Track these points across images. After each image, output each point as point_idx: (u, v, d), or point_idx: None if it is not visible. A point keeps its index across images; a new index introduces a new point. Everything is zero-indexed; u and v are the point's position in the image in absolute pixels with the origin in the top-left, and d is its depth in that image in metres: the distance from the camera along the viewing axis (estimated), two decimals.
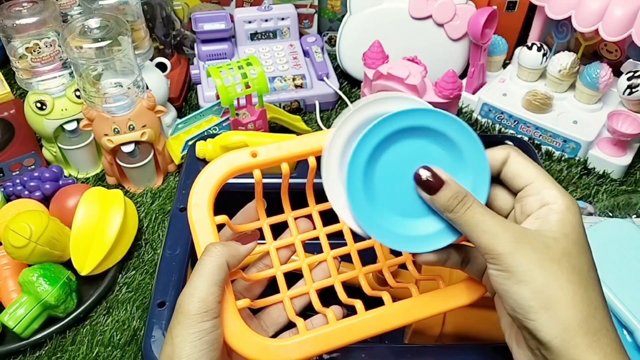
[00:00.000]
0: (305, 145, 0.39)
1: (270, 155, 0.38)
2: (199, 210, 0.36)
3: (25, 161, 0.76)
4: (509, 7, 0.91)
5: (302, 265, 0.40)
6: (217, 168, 0.37)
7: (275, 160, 0.38)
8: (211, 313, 0.32)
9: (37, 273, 0.59)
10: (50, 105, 0.72)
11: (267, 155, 0.38)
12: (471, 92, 0.87)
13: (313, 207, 0.42)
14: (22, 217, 0.60)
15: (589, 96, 0.80)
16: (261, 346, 0.34)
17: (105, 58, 0.66)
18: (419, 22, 0.85)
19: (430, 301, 0.37)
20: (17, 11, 0.69)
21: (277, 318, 0.39)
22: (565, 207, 0.32)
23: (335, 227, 0.42)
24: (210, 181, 0.37)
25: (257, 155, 0.38)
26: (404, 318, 0.36)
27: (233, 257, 0.34)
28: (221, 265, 0.33)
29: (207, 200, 0.36)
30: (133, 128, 0.69)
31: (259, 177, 0.38)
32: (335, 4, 0.96)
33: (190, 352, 0.31)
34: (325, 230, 0.42)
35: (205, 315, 0.32)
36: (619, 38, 0.75)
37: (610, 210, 0.69)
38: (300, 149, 0.39)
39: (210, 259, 0.33)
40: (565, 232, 0.31)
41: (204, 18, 0.90)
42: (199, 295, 0.32)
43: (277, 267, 0.40)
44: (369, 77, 0.75)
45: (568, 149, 0.79)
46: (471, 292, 0.38)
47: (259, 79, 0.72)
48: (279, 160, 0.39)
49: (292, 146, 0.39)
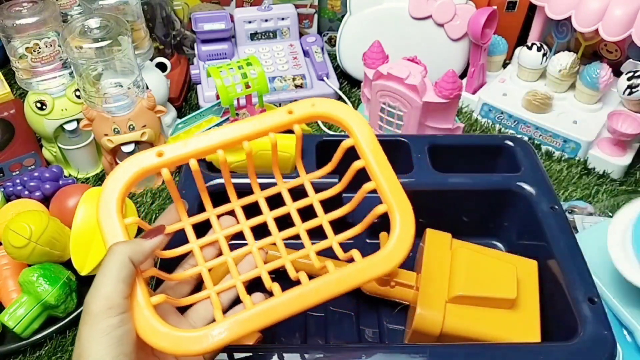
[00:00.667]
0: (212, 140, 0.40)
1: (175, 153, 0.39)
2: (106, 212, 0.38)
3: (25, 161, 0.76)
4: (509, 7, 0.91)
5: (226, 260, 0.42)
6: (124, 171, 0.39)
7: (181, 159, 0.40)
8: (116, 309, 0.33)
9: (37, 273, 0.59)
10: (50, 105, 0.72)
11: (173, 154, 0.39)
12: (471, 92, 0.87)
13: (235, 201, 0.44)
14: (22, 217, 0.60)
15: (589, 96, 0.80)
16: (172, 337, 0.34)
17: (105, 58, 0.66)
18: (419, 22, 0.85)
19: (347, 275, 0.38)
20: (17, 11, 0.69)
21: (205, 314, 0.40)
22: None
23: (258, 219, 0.44)
24: (118, 184, 0.38)
25: (162, 155, 0.39)
26: (319, 295, 0.37)
27: (137, 253, 0.35)
28: (124, 262, 0.34)
29: (115, 203, 0.38)
30: (133, 128, 0.69)
31: (167, 177, 0.40)
32: (335, 4, 0.96)
33: (97, 349, 0.32)
34: (248, 223, 0.43)
35: (110, 311, 0.33)
36: (619, 38, 0.75)
37: (610, 210, 0.69)
38: (206, 144, 0.40)
39: (113, 257, 0.34)
40: None
41: (204, 18, 0.90)
42: (102, 293, 0.33)
43: (201, 264, 0.41)
44: (369, 77, 0.75)
45: (568, 149, 0.79)
46: (386, 263, 0.38)
47: (259, 79, 0.72)
48: (185, 157, 0.40)
49: (198, 143, 0.40)
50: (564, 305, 0.47)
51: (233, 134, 0.41)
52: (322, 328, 0.55)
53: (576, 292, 0.46)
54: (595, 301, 0.45)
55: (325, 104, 0.43)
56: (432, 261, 0.50)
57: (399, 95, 0.71)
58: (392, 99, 0.73)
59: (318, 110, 0.42)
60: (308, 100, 0.43)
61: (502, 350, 0.43)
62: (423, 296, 0.47)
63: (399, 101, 0.72)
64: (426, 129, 0.73)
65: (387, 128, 0.76)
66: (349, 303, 0.56)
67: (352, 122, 0.42)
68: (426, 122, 0.73)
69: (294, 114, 0.42)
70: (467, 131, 0.83)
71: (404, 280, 0.52)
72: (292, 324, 0.55)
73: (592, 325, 0.43)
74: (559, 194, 0.73)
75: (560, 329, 0.47)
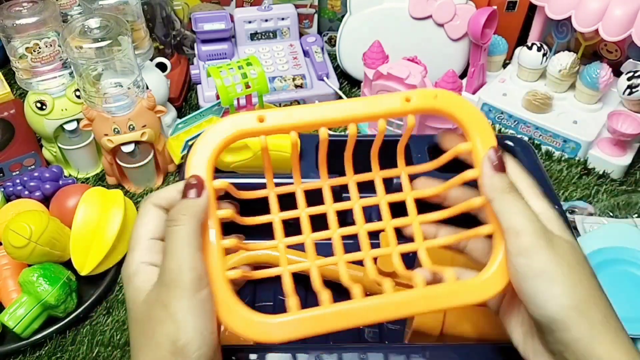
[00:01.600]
0: (317, 115, 0.36)
1: (278, 122, 0.35)
2: (197, 172, 0.34)
3: (25, 161, 0.76)
4: (509, 7, 0.91)
5: (305, 240, 0.39)
6: (222, 129, 0.35)
7: (283, 128, 0.36)
8: (204, 281, 0.31)
9: (37, 273, 0.59)
10: (50, 105, 0.72)
11: (275, 121, 0.35)
12: (471, 92, 0.87)
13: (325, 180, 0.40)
14: (22, 217, 0.60)
15: (589, 96, 0.80)
16: (248, 321, 0.32)
17: (105, 58, 0.66)
18: (419, 22, 0.85)
19: (436, 295, 0.34)
20: (17, 11, 0.69)
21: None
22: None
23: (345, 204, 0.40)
24: (213, 142, 0.35)
25: (264, 120, 0.35)
26: (403, 309, 0.34)
27: (201, 214, 0.33)
28: (196, 228, 0.32)
29: (206, 162, 0.35)
30: (133, 128, 0.69)
31: (264, 145, 0.36)
32: (335, 4, 0.96)
33: (196, 324, 0.29)
34: (334, 207, 0.40)
35: (200, 284, 0.30)
36: (619, 38, 0.75)
37: (610, 210, 0.69)
38: (312, 117, 0.36)
39: (181, 226, 0.32)
40: (573, 243, 0.33)
41: (204, 18, 0.90)
42: (188, 264, 0.30)
43: (280, 240, 0.38)
44: (369, 77, 0.75)
45: (568, 149, 0.79)
46: (485, 290, 0.34)
47: (259, 79, 0.72)
48: (287, 128, 0.36)
49: (303, 114, 0.36)
50: None
51: (341, 112, 0.36)
52: None
53: None
54: None
55: (450, 99, 0.37)
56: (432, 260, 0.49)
57: None
58: None
59: (441, 105, 0.37)
60: (431, 91, 0.38)
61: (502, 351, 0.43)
62: None
63: None
64: (426, 129, 0.73)
65: (387, 128, 0.76)
66: None
67: (474, 128, 0.37)
68: (426, 122, 0.73)
69: (411, 102, 0.37)
70: None
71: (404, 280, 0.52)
72: None
73: None
74: (559, 194, 0.73)
75: None
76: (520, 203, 0.33)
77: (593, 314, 0.30)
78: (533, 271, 0.31)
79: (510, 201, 0.33)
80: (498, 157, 0.35)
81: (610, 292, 0.52)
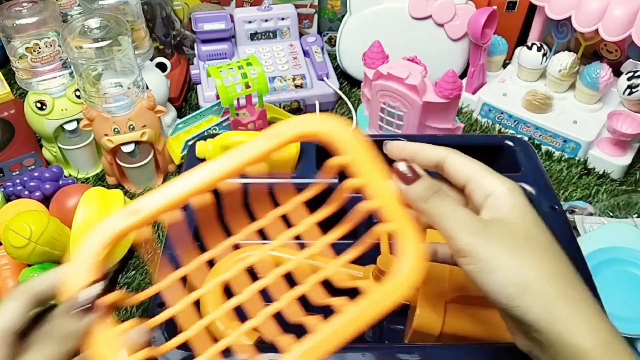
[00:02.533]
0: (184, 189, 0.34)
1: (151, 209, 0.34)
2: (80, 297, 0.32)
3: (25, 161, 0.76)
4: (509, 7, 0.91)
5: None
6: (94, 242, 0.35)
7: (157, 214, 0.34)
8: None
9: (37, 273, 0.59)
10: (50, 105, 0.72)
11: (149, 210, 0.34)
12: (471, 92, 0.87)
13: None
14: (22, 217, 0.60)
15: (589, 96, 0.80)
16: None
17: (105, 58, 0.66)
18: (419, 22, 0.85)
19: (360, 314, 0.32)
20: (17, 11, 0.69)
21: None
22: (509, 191, 0.34)
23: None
24: (87, 260, 0.34)
25: (136, 213, 0.34)
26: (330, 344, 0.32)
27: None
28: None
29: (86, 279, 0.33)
30: (133, 128, 0.69)
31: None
32: (335, 4, 0.96)
33: None
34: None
35: None
36: (619, 38, 0.75)
37: (610, 210, 0.69)
38: (180, 195, 0.34)
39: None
40: (521, 216, 0.33)
41: (204, 18, 0.90)
42: None
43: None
44: (369, 77, 0.75)
45: (568, 149, 0.79)
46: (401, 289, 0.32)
47: (259, 79, 0.72)
48: (161, 211, 0.34)
49: (170, 193, 0.34)
50: None
51: (205, 179, 0.35)
52: None
53: None
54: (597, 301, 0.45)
55: (330, 127, 0.35)
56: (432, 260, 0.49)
57: (399, 95, 0.71)
58: (392, 99, 0.73)
59: (316, 133, 0.36)
60: (310, 119, 0.36)
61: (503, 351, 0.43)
62: (423, 296, 0.47)
63: (399, 101, 0.72)
64: (426, 129, 0.73)
65: (387, 128, 0.76)
66: None
67: (362, 160, 0.35)
68: (426, 122, 0.73)
69: (282, 138, 0.36)
70: (467, 131, 0.83)
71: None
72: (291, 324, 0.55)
73: None
74: (559, 194, 0.73)
75: None
76: (444, 205, 0.33)
77: (547, 291, 0.30)
78: (476, 267, 0.31)
79: (434, 207, 0.33)
80: (409, 168, 0.34)
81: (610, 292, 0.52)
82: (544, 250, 0.32)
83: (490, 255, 0.31)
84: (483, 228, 0.32)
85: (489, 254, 0.31)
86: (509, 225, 0.32)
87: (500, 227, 0.32)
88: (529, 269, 0.31)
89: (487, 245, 0.31)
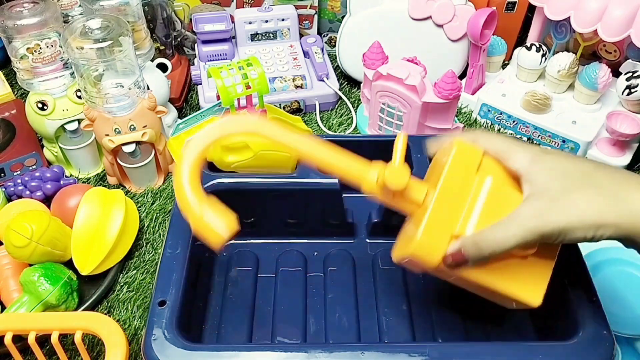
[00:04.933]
0: None
1: None
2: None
3: (26, 161, 0.76)
4: (508, 8, 0.91)
5: None
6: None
7: None
8: None
9: (38, 273, 0.59)
10: (52, 106, 0.72)
11: None
12: (470, 93, 0.88)
13: None
14: (23, 216, 0.60)
15: (588, 96, 0.81)
16: None
17: (106, 59, 0.66)
18: (419, 22, 0.86)
19: None
20: (19, 12, 0.69)
21: None
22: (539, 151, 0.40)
23: None
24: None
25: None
26: None
27: None
28: None
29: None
30: (134, 128, 0.70)
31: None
32: (335, 5, 0.96)
33: None
34: None
35: None
36: (618, 38, 0.75)
37: None
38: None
39: None
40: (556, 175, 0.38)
41: (204, 19, 0.90)
42: None
43: None
44: (369, 77, 0.75)
45: (567, 149, 0.79)
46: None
47: (259, 79, 0.73)
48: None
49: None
50: (564, 305, 0.47)
51: None
52: (322, 327, 0.55)
53: (576, 292, 0.46)
54: (595, 301, 0.46)
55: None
56: (452, 182, 0.42)
57: (398, 96, 0.72)
58: (392, 100, 0.73)
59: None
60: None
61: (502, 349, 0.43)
62: (430, 221, 0.41)
63: (398, 102, 0.72)
64: (425, 129, 0.74)
65: (387, 128, 0.77)
66: (349, 302, 0.57)
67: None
68: (426, 122, 0.73)
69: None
70: None
71: (414, 195, 0.43)
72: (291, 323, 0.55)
73: (591, 325, 0.44)
74: None
75: (560, 328, 0.47)
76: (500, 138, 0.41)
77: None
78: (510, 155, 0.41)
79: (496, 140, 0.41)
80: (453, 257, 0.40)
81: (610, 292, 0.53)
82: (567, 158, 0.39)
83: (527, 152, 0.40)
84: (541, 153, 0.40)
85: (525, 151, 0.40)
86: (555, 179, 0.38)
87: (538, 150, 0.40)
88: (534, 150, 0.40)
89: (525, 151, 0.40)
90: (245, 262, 0.61)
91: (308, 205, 0.58)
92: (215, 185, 0.56)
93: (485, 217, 0.40)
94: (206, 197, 0.42)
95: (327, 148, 0.42)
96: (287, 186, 0.57)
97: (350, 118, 0.87)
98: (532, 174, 0.39)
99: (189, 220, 0.41)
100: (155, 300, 0.47)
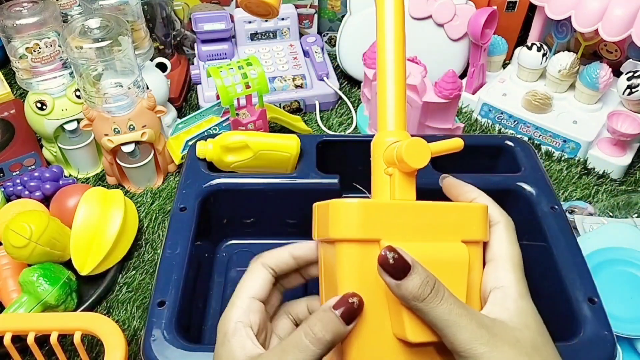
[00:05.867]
0: None
1: None
2: None
3: (25, 161, 0.76)
4: (508, 7, 0.91)
5: None
6: None
7: None
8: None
9: (37, 273, 0.59)
10: (51, 106, 0.72)
11: None
12: (471, 92, 0.87)
13: None
14: (23, 217, 0.60)
15: (589, 96, 0.80)
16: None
17: (105, 58, 0.66)
18: (419, 22, 0.86)
19: None
20: (18, 11, 0.69)
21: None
22: (519, 294, 0.32)
23: None
24: None
25: None
26: None
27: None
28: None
29: None
30: (133, 128, 0.69)
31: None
32: (335, 4, 0.96)
33: None
34: None
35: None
36: (618, 38, 0.75)
37: (610, 210, 0.69)
38: None
39: (313, 349, 0.30)
40: (528, 324, 0.31)
41: (204, 18, 0.90)
42: None
43: None
44: (369, 77, 0.75)
45: (568, 149, 0.79)
46: None
47: (259, 79, 0.72)
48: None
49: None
50: (564, 305, 0.47)
51: None
52: None
53: (576, 292, 0.46)
54: (595, 301, 0.45)
55: None
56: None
57: None
58: None
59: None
60: None
61: None
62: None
63: None
64: (426, 129, 0.73)
65: None
66: None
67: None
68: (426, 122, 0.73)
69: None
70: (467, 131, 0.83)
71: None
72: None
73: (592, 326, 0.43)
74: (559, 194, 0.73)
75: (560, 329, 0.47)
76: (444, 308, 0.29)
77: None
78: None
79: (433, 310, 0.29)
80: (394, 256, 0.30)
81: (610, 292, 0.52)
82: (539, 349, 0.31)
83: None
84: (489, 337, 0.29)
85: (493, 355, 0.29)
86: (516, 332, 0.30)
87: (509, 333, 0.30)
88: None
89: (497, 354, 0.29)
90: (245, 262, 0.60)
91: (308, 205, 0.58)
92: (215, 185, 0.56)
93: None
94: None
95: None
96: (287, 186, 0.57)
97: (350, 118, 0.86)
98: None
99: None
100: (154, 301, 0.47)
